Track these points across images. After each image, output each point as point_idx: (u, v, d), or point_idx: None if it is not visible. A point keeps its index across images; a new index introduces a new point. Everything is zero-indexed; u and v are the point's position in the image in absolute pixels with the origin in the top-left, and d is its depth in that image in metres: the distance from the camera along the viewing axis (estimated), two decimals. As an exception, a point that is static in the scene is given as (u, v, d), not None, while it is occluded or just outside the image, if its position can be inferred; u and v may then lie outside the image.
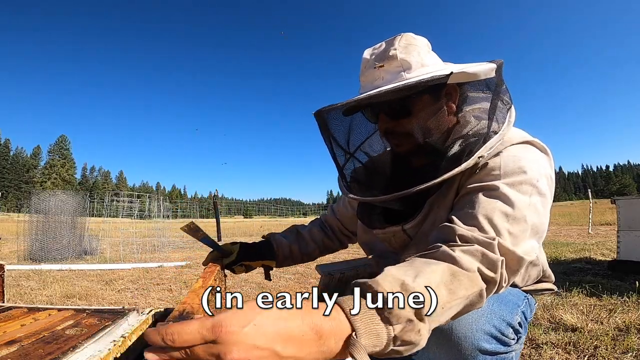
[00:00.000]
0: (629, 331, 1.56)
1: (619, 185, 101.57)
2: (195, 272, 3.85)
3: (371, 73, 0.72)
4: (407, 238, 0.76)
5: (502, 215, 0.57)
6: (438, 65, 0.71)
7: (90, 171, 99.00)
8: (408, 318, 0.40)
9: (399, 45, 0.69)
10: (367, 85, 0.72)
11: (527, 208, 0.58)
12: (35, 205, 5.21)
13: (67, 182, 79.58)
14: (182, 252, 6.20)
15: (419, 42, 0.72)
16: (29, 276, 3.59)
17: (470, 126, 0.70)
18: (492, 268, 0.51)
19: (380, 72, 0.70)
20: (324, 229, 1.11)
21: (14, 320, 0.74)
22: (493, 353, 0.62)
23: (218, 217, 9.26)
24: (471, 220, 0.58)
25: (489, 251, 0.52)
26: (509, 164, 0.62)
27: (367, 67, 0.73)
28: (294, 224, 1.12)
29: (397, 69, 0.68)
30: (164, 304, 2.53)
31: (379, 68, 0.70)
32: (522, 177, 0.60)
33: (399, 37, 0.71)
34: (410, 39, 0.71)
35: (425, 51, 0.72)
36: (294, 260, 1.04)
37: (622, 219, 3.01)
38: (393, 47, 0.69)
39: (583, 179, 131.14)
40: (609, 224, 8.15)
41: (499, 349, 0.62)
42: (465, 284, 0.48)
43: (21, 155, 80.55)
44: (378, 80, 0.70)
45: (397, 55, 0.68)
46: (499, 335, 0.63)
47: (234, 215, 20.91)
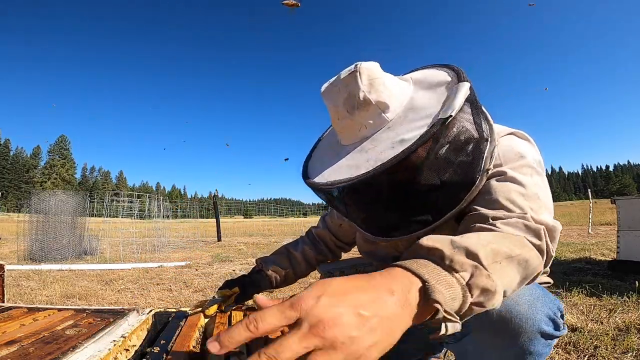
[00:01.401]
0: (629, 331, 1.56)
1: (619, 185, 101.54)
2: (195, 273, 3.85)
3: (349, 124, 0.66)
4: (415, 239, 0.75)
5: (519, 194, 0.60)
6: (402, 89, 0.68)
7: (90, 171, 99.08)
8: (472, 264, 0.40)
9: (362, 85, 0.63)
10: (350, 136, 0.67)
11: (535, 186, 0.62)
12: (35, 205, 5.21)
13: (67, 182, 79.56)
14: (182, 252, 6.20)
15: (376, 73, 0.66)
16: (29, 276, 3.59)
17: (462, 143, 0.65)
18: (537, 236, 0.52)
19: (358, 121, 0.65)
20: (315, 245, 1.10)
21: (13, 320, 0.74)
22: (549, 336, 0.63)
23: (218, 217, 9.26)
24: (493, 204, 0.60)
25: (528, 222, 0.54)
26: (506, 153, 0.67)
27: (341, 118, 0.67)
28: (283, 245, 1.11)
29: (376, 112, 0.64)
30: (164, 304, 2.53)
31: (355, 117, 0.65)
32: (521, 162, 0.65)
33: (357, 75, 0.64)
34: (369, 73, 0.65)
35: (385, 80, 0.66)
36: (288, 283, 1.07)
37: (622, 219, 3.01)
38: (360, 90, 0.63)
39: (583, 179, 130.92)
40: (609, 224, 8.15)
41: (554, 333, 0.63)
42: (514, 242, 0.48)
43: (21, 155, 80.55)
44: (362, 129, 0.65)
45: (370, 99, 0.63)
46: (555, 318, 0.64)
47: (234, 215, 20.87)
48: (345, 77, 0.66)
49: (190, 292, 2.88)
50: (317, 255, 1.09)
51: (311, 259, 1.08)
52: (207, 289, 2.98)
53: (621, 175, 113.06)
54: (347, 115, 0.66)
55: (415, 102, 0.66)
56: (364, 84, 0.64)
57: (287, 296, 0.34)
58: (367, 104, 0.64)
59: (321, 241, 1.12)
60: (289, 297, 0.33)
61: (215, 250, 6.42)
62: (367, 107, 0.64)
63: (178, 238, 8.47)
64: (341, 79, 0.67)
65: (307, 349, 0.30)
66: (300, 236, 1.15)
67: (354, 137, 0.67)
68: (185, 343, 0.64)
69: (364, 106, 0.64)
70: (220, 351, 0.32)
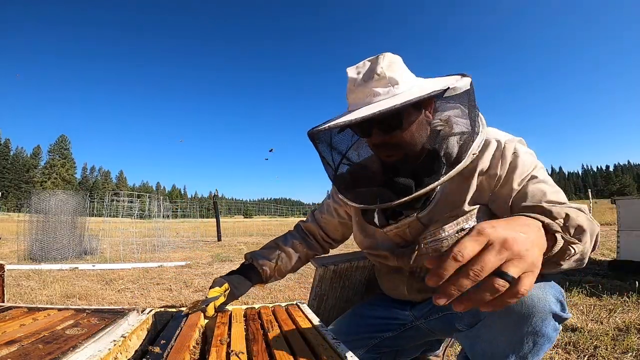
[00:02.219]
0: (629, 331, 1.56)
1: (619, 185, 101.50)
2: (196, 272, 3.85)
3: (361, 90, 0.77)
4: (422, 226, 0.83)
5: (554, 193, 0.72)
6: (416, 80, 0.80)
7: (90, 171, 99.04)
8: (565, 212, 0.63)
9: (383, 63, 0.75)
10: (358, 103, 0.77)
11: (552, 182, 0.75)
12: (35, 205, 5.21)
13: (67, 182, 79.57)
14: (182, 252, 6.20)
15: (398, 61, 0.78)
16: (29, 276, 3.59)
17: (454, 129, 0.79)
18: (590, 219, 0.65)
19: (370, 88, 0.75)
20: (305, 240, 1.11)
21: (14, 320, 0.74)
22: (557, 318, 0.69)
23: (218, 217, 9.26)
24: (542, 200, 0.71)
25: (577, 209, 0.66)
26: (526, 160, 0.77)
27: (356, 85, 0.78)
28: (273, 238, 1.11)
29: (386, 85, 0.75)
30: (164, 304, 2.53)
31: (369, 85, 0.76)
32: (538, 165, 0.77)
33: (381, 57, 0.77)
34: (391, 58, 0.77)
35: (404, 68, 0.79)
36: (278, 277, 1.06)
37: (622, 219, 3.01)
38: (379, 66, 0.75)
39: (583, 179, 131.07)
40: (609, 224, 8.14)
41: (562, 314, 0.69)
42: (583, 213, 0.65)
43: (21, 155, 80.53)
44: (369, 96, 0.76)
45: (385, 73, 0.75)
46: (562, 300, 0.71)
47: (234, 215, 20.88)
48: (371, 58, 0.79)
49: (190, 292, 2.88)
50: (307, 249, 1.10)
51: (301, 253, 1.08)
52: (207, 288, 2.98)
53: (621, 175, 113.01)
54: (362, 83, 0.76)
55: (424, 85, 0.77)
56: (384, 62, 0.76)
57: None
58: (381, 77, 0.75)
59: (310, 235, 1.13)
60: (468, 229, 0.43)
61: (215, 250, 6.42)
62: (381, 79, 0.75)
63: (178, 238, 8.48)
64: (367, 59, 0.79)
65: (501, 260, 0.40)
66: (288, 230, 1.16)
67: (361, 102, 0.77)
68: (185, 343, 0.64)
69: (378, 78, 0.75)
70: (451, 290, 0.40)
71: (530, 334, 0.68)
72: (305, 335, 0.70)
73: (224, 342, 0.66)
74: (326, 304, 1.24)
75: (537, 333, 0.67)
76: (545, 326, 0.67)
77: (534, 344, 0.68)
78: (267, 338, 0.69)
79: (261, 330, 0.73)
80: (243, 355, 0.59)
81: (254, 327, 0.75)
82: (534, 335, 0.67)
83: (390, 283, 0.99)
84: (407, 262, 0.87)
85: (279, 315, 0.84)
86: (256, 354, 0.61)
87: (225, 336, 0.69)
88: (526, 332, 0.68)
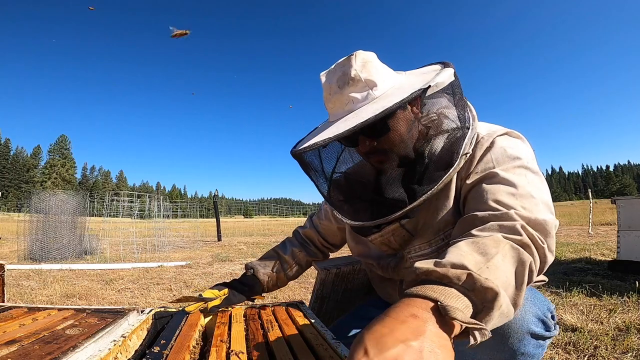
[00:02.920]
0: (629, 331, 1.56)
1: (619, 185, 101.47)
2: (196, 272, 3.85)
3: (338, 98, 0.72)
4: (406, 233, 0.78)
5: (509, 195, 0.61)
6: (394, 76, 0.74)
7: (91, 171, 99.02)
8: (465, 273, 0.43)
9: (356, 65, 0.70)
10: (338, 111, 0.72)
11: (528, 185, 0.63)
12: (36, 205, 5.21)
13: (68, 181, 79.61)
14: (182, 252, 6.20)
15: (371, 58, 0.73)
16: (29, 276, 3.59)
17: (443, 126, 0.73)
18: (513, 232, 0.54)
19: (347, 95, 0.70)
20: (305, 247, 1.10)
21: (14, 320, 0.74)
22: (539, 337, 0.65)
23: (218, 217, 9.26)
24: (483, 206, 0.62)
25: (503, 221, 0.56)
26: (499, 155, 0.68)
27: (332, 93, 0.72)
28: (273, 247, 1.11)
29: (364, 89, 0.70)
30: (164, 304, 2.53)
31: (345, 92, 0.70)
32: (515, 163, 0.67)
33: (352, 57, 0.71)
34: (364, 57, 0.72)
35: (379, 65, 0.73)
36: (279, 286, 1.06)
37: (622, 219, 3.01)
38: (352, 69, 0.69)
39: (583, 179, 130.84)
40: (609, 224, 8.15)
41: (544, 333, 0.66)
42: (490, 244, 0.50)
43: (21, 155, 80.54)
44: (349, 103, 0.70)
45: (360, 76, 0.69)
46: (545, 319, 0.67)
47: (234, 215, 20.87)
48: (342, 60, 0.73)
49: (190, 292, 2.88)
50: (307, 256, 1.09)
51: (301, 260, 1.08)
52: (207, 288, 2.98)
53: (621, 175, 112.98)
54: (338, 90, 0.71)
55: (404, 84, 0.71)
56: (357, 64, 0.70)
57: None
58: (357, 81, 0.69)
59: (309, 241, 1.12)
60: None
61: (215, 250, 6.42)
62: (357, 83, 0.69)
63: (178, 238, 8.48)
64: (338, 62, 0.73)
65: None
66: (286, 237, 1.14)
67: (341, 110, 0.72)
68: (185, 343, 0.64)
69: (354, 82, 0.69)
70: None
71: (509, 353, 0.66)
72: (305, 335, 0.70)
73: (224, 342, 0.66)
74: (327, 306, 1.24)
75: (516, 352, 0.66)
76: (524, 346, 0.65)
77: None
78: (267, 338, 0.69)
79: (261, 330, 0.73)
80: (243, 355, 0.59)
81: (254, 327, 0.75)
82: (514, 355, 0.66)
83: (383, 291, 0.98)
84: (392, 273, 0.85)
85: (279, 315, 0.84)
86: (256, 353, 0.61)
87: (225, 336, 0.69)
88: (506, 351, 0.66)
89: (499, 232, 0.54)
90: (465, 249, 0.49)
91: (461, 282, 0.43)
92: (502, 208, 0.59)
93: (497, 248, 0.49)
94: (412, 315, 0.38)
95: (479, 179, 0.67)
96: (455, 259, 0.46)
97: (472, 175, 0.69)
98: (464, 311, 0.41)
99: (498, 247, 0.49)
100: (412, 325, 0.37)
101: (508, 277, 0.48)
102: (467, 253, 0.48)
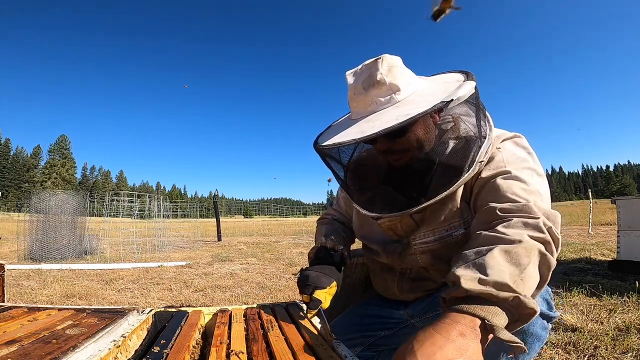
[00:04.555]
0: (629, 331, 1.56)
1: (619, 185, 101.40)
2: (196, 272, 3.85)
3: (362, 99, 0.75)
4: (413, 223, 0.83)
5: (522, 190, 0.67)
6: (417, 82, 0.78)
7: (91, 171, 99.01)
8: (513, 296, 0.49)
9: (382, 69, 0.73)
10: (361, 111, 0.76)
11: (536, 184, 0.70)
12: (36, 205, 5.21)
13: (68, 181, 79.59)
14: (182, 251, 6.21)
15: (397, 63, 0.76)
16: (29, 276, 3.59)
17: (461, 133, 0.78)
18: (538, 230, 0.59)
19: (371, 97, 0.74)
20: (345, 224, 1.10)
21: (14, 320, 0.74)
22: (545, 317, 0.71)
23: (218, 217, 9.26)
24: (502, 198, 0.68)
25: (527, 218, 0.61)
26: (508, 156, 0.75)
27: (357, 93, 0.76)
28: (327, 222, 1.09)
29: (388, 93, 0.73)
30: (164, 304, 2.53)
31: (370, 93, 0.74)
32: (522, 164, 0.73)
33: (379, 61, 0.75)
34: (390, 61, 0.75)
35: (404, 70, 0.77)
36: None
37: (622, 219, 3.01)
38: (379, 72, 0.73)
39: (583, 179, 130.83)
40: (609, 224, 8.15)
41: (549, 313, 0.71)
42: (522, 253, 0.55)
43: (21, 154, 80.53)
44: (372, 105, 0.74)
45: (385, 80, 0.73)
46: (548, 299, 0.72)
47: (234, 215, 20.87)
48: (369, 62, 0.76)
49: (190, 292, 2.88)
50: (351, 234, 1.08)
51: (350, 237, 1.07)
52: (207, 288, 2.98)
53: (621, 175, 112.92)
54: (363, 91, 0.75)
55: (426, 90, 0.75)
56: (384, 68, 0.74)
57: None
58: (381, 84, 0.73)
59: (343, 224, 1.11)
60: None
61: (215, 250, 6.42)
62: (381, 86, 0.73)
63: (178, 238, 8.49)
64: (365, 64, 0.77)
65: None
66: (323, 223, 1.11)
67: (364, 111, 0.76)
68: (185, 343, 0.64)
69: (378, 85, 0.73)
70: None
71: (518, 334, 0.68)
72: (305, 335, 0.70)
73: (223, 342, 0.66)
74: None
75: (525, 332, 0.69)
76: (533, 325, 0.69)
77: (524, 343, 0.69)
78: (267, 338, 0.69)
79: (261, 330, 0.73)
80: (243, 355, 0.59)
81: (254, 327, 0.75)
82: (522, 335, 0.69)
83: (381, 283, 1.00)
84: (396, 260, 0.89)
85: (279, 315, 0.84)
86: (256, 353, 0.61)
87: (225, 336, 0.69)
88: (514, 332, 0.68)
89: (524, 231, 0.58)
90: (501, 262, 0.54)
91: (507, 303, 0.49)
92: (521, 200, 0.65)
93: (528, 257, 0.55)
94: (460, 334, 0.44)
95: (494, 175, 0.72)
96: (499, 277, 0.51)
97: (484, 172, 0.74)
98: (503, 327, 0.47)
99: (530, 257, 0.55)
100: (458, 344, 0.43)
101: (537, 281, 0.55)
102: (505, 267, 0.53)
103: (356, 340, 1.01)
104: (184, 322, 0.77)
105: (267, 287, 3.01)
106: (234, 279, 3.39)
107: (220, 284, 3.19)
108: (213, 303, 2.54)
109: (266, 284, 3.12)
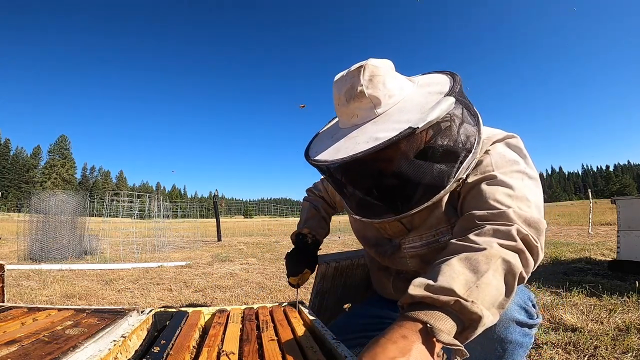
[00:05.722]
0: (629, 331, 1.56)
1: (619, 185, 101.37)
2: (196, 272, 3.85)
3: (345, 111, 0.75)
4: (402, 227, 0.84)
5: (506, 195, 0.65)
6: (401, 90, 0.73)
7: (90, 171, 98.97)
8: (453, 300, 0.48)
9: (363, 80, 0.71)
10: (345, 121, 0.76)
11: (524, 189, 0.66)
12: (35, 205, 5.21)
13: (67, 182, 79.56)
14: (182, 252, 6.20)
15: (382, 71, 0.72)
16: (29, 276, 3.59)
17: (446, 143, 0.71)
18: (509, 237, 0.57)
19: (352, 110, 0.73)
20: (327, 203, 1.20)
21: (14, 320, 0.74)
22: (523, 324, 0.70)
23: (218, 217, 9.26)
24: (483, 205, 0.66)
25: (500, 225, 0.59)
26: (497, 159, 0.72)
27: (340, 104, 0.76)
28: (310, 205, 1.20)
29: (368, 106, 0.71)
30: (164, 304, 2.53)
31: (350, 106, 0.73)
32: (512, 167, 0.70)
33: (361, 70, 0.72)
34: (373, 70, 0.71)
35: (389, 78, 0.72)
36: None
37: (622, 219, 3.01)
38: (359, 84, 0.71)
39: (583, 179, 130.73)
40: (609, 224, 8.15)
41: (528, 321, 0.71)
42: (482, 260, 0.54)
43: (21, 155, 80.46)
44: (353, 117, 0.74)
45: (365, 92, 0.70)
46: (526, 307, 0.71)
47: (234, 215, 20.88)
48: (352, 70, 0.74)
49: (190, 292, 2.88)
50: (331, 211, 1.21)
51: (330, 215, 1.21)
52: (207, 289, 2.98)
53: (621, 175, 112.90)
54: (345, 103, 0.74)
55: (406, 105, 0.71)
56: (365, 79, 0.71)
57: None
58: (361, 97, 0.71)
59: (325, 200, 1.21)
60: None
61: (215, 250, 6.42)
62: (361, 99, 0.71)
63: (178, 238, 8.47)
64: (350, 70, 0.75)
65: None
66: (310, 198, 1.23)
67: (347, 122, 0.76)
68: (185, 343, 0.64)
69: (358, 98, 0.71)
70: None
71: (497, 342, 0.70)
72: (298, 336, 0.70)
73: (217, 342, 0.66)
74: (327, 302, 1.24)
75: (503, 340, 0.69)
76: (510, 333, 0.69)
77: (504, 351, 0.71)
78: (261, 339, 0.69)
79: (256, 331, 0.73)
80: (233, 356, 0.60)
81: (249, 327, 0.75)
82: (501, 343, 0.70)
83: (378, 280, 1.02)
84: (388, 262, 0.91)
85: (276, 315, 0.84)
86: (247, 354, 0.61)
87: (220, 336, 0.69)
88: (493, 340, 0.70)
89: (493, 239, 0.57)
90: (458, 268, 0.53)
91: (449, 307, 0.48)
92: (501, 206, 0.62)
93: (488, 264, 0.53)
94: (402, 337, 0.45)
95: (479, 180, 0.70)
96: (445, 283, 0.50)
97: (471, 177, 0.72)
98: (450, 331, 0.47)
99: (489, 264, 0.53)
100: (400, 345, 0.44)
101: (498, 289, 0.53)
102: (459, 273, 0.52)
103: (356, 341, 1.02)
104: (184, 323, 0.77)
105: (267, 287, 3.01)
106: (234, 279, 3.39)
107: (220, 284, 3.19)
108: (213, 303, 2.54)
109: (266, 284, 3.12)
